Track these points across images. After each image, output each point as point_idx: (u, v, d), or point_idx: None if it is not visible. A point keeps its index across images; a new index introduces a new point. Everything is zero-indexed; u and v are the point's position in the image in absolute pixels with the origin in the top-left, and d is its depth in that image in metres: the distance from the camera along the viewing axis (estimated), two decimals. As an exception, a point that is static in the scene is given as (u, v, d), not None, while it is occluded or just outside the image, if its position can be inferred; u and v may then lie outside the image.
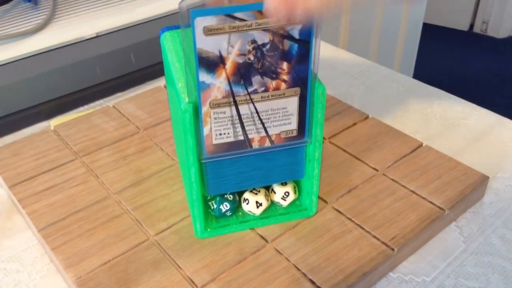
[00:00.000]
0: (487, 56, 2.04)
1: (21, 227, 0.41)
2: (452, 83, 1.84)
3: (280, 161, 0.35)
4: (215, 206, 0.36)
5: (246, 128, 0.32)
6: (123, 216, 0.39)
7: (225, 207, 0.36)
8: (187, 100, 0.31)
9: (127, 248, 0.36)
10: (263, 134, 0.33)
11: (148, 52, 0.58)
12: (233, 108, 0.31)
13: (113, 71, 0.56)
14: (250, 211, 0.37)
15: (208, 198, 0.37)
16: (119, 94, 0.57)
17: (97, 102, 0.56)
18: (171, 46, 0.36)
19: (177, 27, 0.37)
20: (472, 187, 0.40)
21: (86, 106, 0.56)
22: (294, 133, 0.33)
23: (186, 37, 0.29)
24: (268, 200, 0.37)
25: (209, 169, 0.34)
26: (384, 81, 0.58)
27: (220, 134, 0.32)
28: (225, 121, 0.31)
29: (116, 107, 0.51)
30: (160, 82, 0.59)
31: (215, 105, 0.31)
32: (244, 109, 0.31)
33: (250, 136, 0.33)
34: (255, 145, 0.33)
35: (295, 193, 0.38)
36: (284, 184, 0.37)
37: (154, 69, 0.59)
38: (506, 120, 0.51)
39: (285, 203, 0.38)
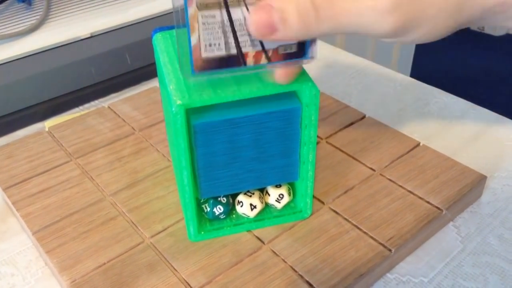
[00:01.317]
0: (484, 54, 2.04)
1: (15, 230, 0.40)
2: (449, 82, 1.84)
3: (274, 163, 0.35)
4: (208, 209, 0.36)
5: (240, 39, 0.29)
6: (118, 218, 0.38)
7: (218, 210, 0.36)
8: (178, 102, 0.30)
9: (122, 251, 0.36)
10: (259, 47, 0.29)
11: (143, 52, 0.57)
12: (224, 11, 0.28)
13: (108, 71, 0.56)
14: (244, 214, 0.37)
15: (201, 201, 0.36)
16: (114, 95, 0.57)
17: (92, 103, 0.56)
18: (163, 47, 0.35)
19: (169, 28, 0.37)
20: (470, 187, 0.40)
21: (80, 107, 0.55)
22: (294, 49, 0.30)
23: (180, 37, 0.29)
24: (262, 203, 0.37)
25: (202, 171, 0.34)
26: (381, 80, 0.58)
27: (210, 44, 0.28)
28: (215, 28, 0.28)
29: (111, 108, 0.51)
30: (156, 82, 0.58)
31: (202, 5, 0.27)
32: (237, 13, 0.28)
33: (244, 50, 0.29)
34: (250, 61, 0.29)
35: (289, 195, 0.37)
36: (278, 186, 0.37)
37: (149, 70, 0.58)
38: (503, 118, 0.51)
39: (279, 205, 0.37)
